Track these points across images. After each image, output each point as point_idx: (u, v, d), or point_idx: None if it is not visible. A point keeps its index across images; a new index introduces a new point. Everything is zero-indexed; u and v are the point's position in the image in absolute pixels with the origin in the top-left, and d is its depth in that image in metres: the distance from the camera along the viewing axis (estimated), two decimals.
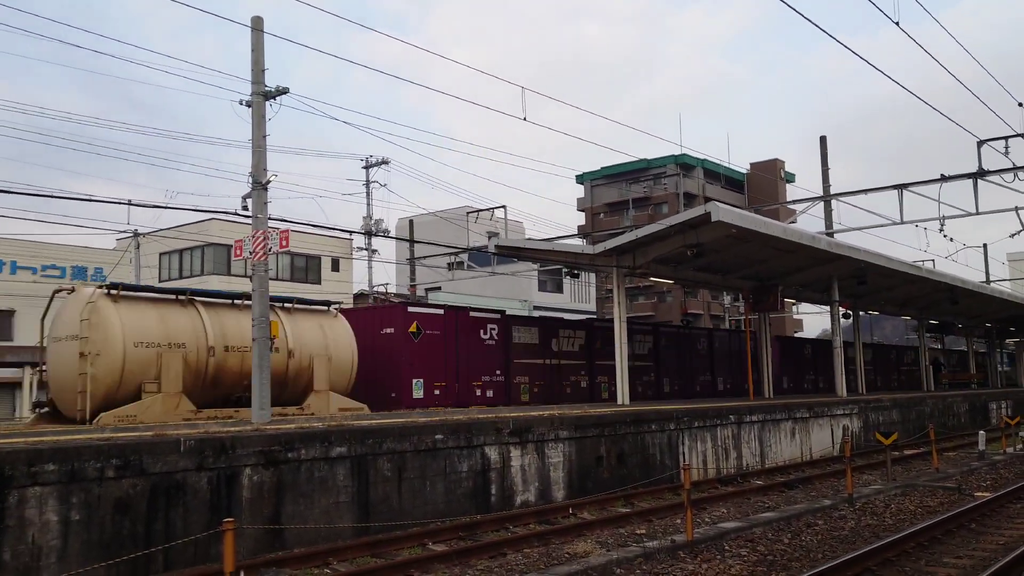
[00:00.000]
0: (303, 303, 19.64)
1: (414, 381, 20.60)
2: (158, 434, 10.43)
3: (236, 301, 17.85)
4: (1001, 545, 10.98)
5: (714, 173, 71.44)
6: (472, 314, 22.64)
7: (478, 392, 22.08)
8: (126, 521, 9.36)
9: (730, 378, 31.66)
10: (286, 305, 18.85)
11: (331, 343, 18.87)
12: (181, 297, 17.12)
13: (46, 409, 16.25)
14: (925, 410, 29.43)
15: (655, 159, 66.82)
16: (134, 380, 15.56)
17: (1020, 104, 22.03)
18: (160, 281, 40.25)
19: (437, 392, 21.02)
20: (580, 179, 75.06)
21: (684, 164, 69.18)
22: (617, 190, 71.06)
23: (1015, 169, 23.23)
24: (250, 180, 14.46)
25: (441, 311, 22.08)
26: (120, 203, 13.93)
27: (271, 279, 15.16)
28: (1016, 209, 25.18)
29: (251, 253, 14.36)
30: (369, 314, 22.58)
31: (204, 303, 17.28)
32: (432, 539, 11.51)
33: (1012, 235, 36.58)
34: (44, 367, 16.53)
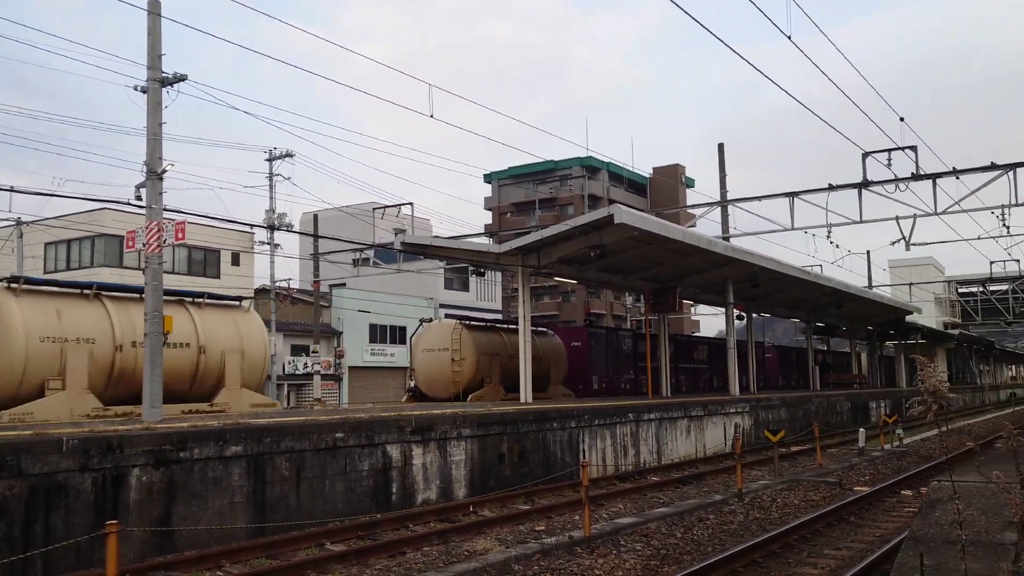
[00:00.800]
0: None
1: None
2: (38, 433, 9.92)
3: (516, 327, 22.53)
4: (877, 537, 11.64)
5: (619, 176, 72.93)
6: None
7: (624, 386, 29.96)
8: (1, 524, 8.87)
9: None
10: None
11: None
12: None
13: None
14: (811, 408, 30.86)
15: (562, 161, 67.75)
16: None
17: (901, 119, 23.37)
18: (45, 273, 38.24)
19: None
20: (488, 178, 75.36)
21: (590, 167, 70.38)
22: (524, 190, 71.67)
23: (896, 180, 24.61)
24: (145, 169, 13.92)
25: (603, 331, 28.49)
26: (2, 189, 13.18)
27: (167, 272, 14.63)
28: (897, 218, 26.65)
29: (144, 245, 13.82)
30: (564, 331, 31.13)
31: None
32: (330, 539, 11.36)
33: (892, 243, 38.67)
34: None
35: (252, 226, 26.15)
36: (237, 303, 19.55)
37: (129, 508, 10.02)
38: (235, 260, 42.60)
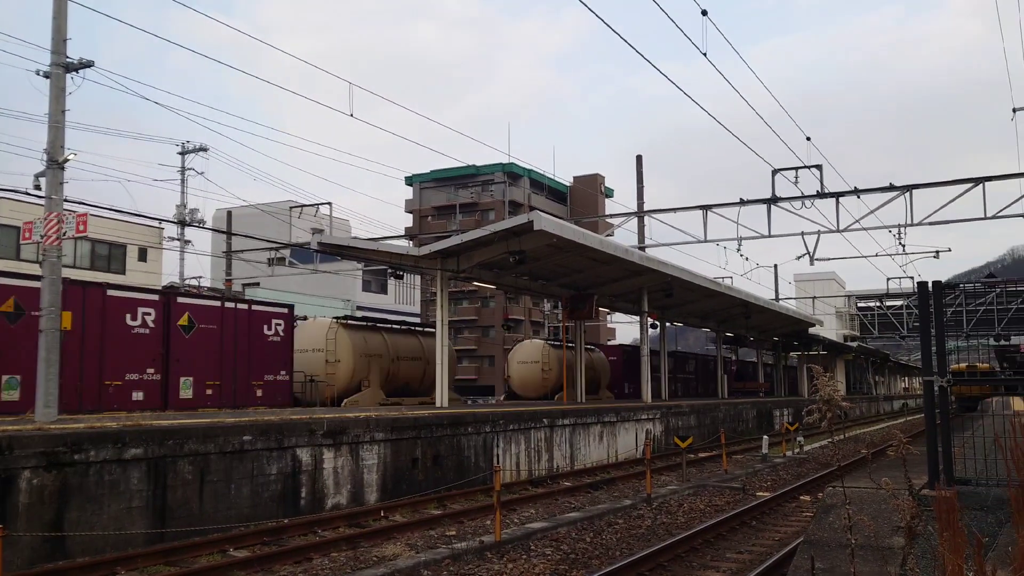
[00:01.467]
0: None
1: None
2: None
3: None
4: (777, 541, 12.05)
5: (540, 184, 73.57)
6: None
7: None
8: None
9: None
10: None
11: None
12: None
13: None
14: (719, 416, 31.73)
15: (484, 166, 67.88)
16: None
17: (808, 139, 24.33)
18: None
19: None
20: (409, 181, 74.92)
21: (512, 173, 70.76)
22: (446, 194, 71.55)
23: (803, 197, 25.60)
24: (45, 157, 13.29)
25: (631, 348, 27.37)
26: None
27: (68, 267, 14.00)
28: (802, 234, 27.71)
29: (43, 237, 13.18)
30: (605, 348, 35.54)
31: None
32: (234, 545, 11.06)
33: (798, 257, 40.11)
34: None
35: (161, 221, 25.31)
36: (432, 330, 25.83)
37: (18, 512, 9.53)
38: (142, 256, 41.03)
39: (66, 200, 13.38)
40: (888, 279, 46.94)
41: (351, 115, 16.66)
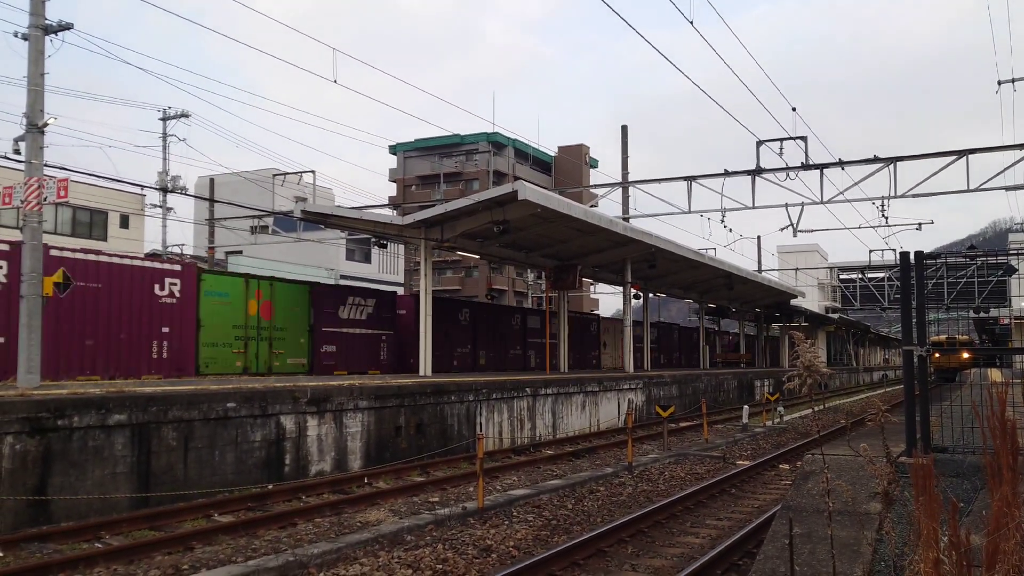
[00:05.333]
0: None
1: None
2: None
3: None
4: (756, 508, 12.25)
5: (524, 153, 73.22)
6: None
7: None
8: None
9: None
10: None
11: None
12: None
13: None
14: (700, 386, 32.03)
15: (468, 135, 67.47)
16: None
17: (794, 109, 24.30)
18: None
19: None
20: (393, 150, 74.35)
21: (496, 142, 70.35)
22: (430, 163, 71.09)
23: (787, 169, 25.64)
24: (24, 121, 13.09)
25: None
26: None
27: (48, 233, 13.85)
28: (786, 205, 27.79)
29: (23, 202, 13.03)
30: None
31: None
32: (219, 510, 11.12)
33: (781, 229, 40.33)
34: None
35: (143, 187, 25.01)
36: None
37: (1, 477, 9.52)
38: (124, 222, 40.64)
39: (46, 165, 13.21)
40: (871, 251, 47.19)
41: (334, 81, 16.49)
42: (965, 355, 30.59)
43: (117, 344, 17.27)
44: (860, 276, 60.63)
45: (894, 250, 46.52)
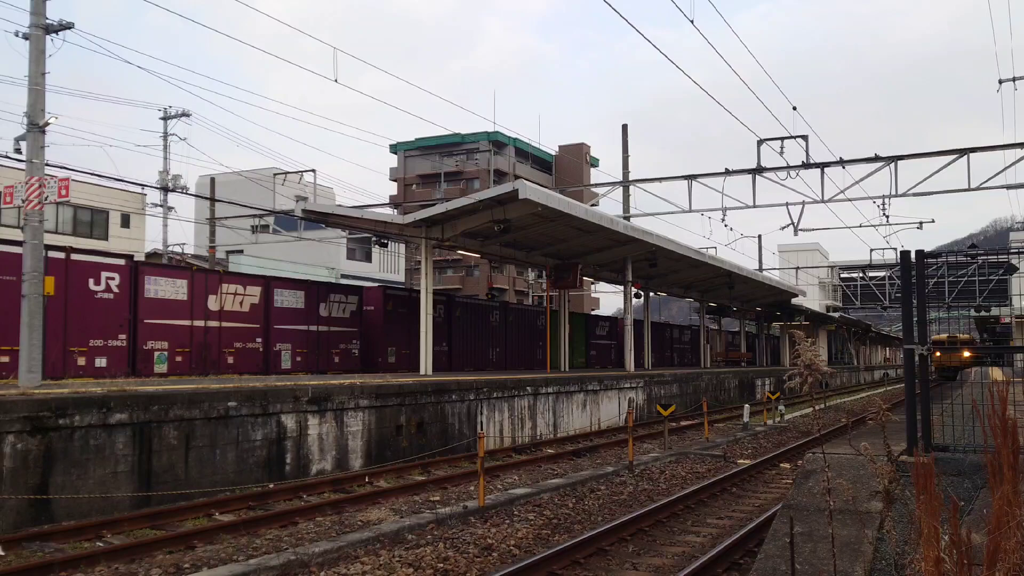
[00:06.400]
0: None
1: None
2: None
3: None
4: (757, 507, 12.25)
5: (525, 152, 73.17)
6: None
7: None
8: None
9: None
10: None
11: None
12: None
13: None
14: (701, 385, 32.03)
15: (469, 134, 67.41)
16: None
17: (795, 108, 24.27)
18: None
19: None
20: (394, 149, 74.32)
21: (497, 141, 70.32)
22: (430, 162, 71.07)
23: (788, 168, 25.62)
24: (26, 121, 13.09)
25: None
26: None
27: (49, 232, 13.86)
28: (787, 204, 27.81)
29: (24, 201, 13.03)
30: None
31: None
32: (220, 509, 11.12)
33: (782, 228, 40.20)
34: None
35: (144, 186, 25.01)
36: None
37: (3, 476, 9.53)
38: (125, 222, 40.66)
39: (47, 164, 13.22)
40: (871, 250, 47.15)
41: (335, 80, 16.49)
42: (966, 354, 30.60)
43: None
44: (861, 275, 60.58)
45: (895, 249, 46.52)
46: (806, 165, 25.51)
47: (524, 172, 69.40)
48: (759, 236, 52.75)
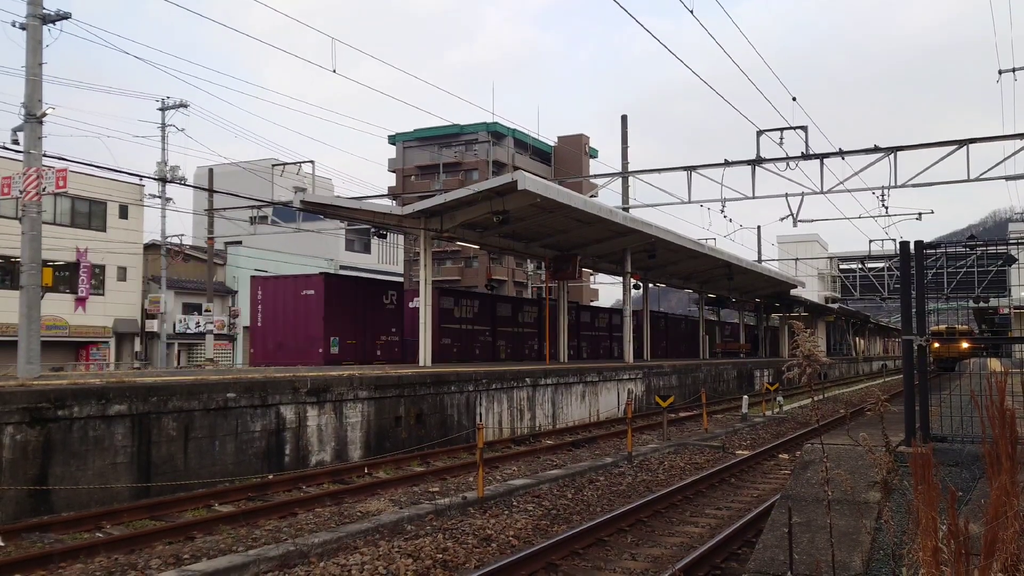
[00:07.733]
0: None
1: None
2: None
3: None
4: (755, 497, 12.27)
5: (524, 143, 73.07)
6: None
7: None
8: None
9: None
10: None
11: None
12: None
13: None
14: (700, 376, 32.05)
15: (468, 125, 67.26)
16: None
17: (794, 99, 24.21)
18: None
19: None
20: (393, 140, 74.17)
21: (496, 132, 70.19)
22: (429, 153, 70.94)
23: (787, 159, 25.59)
24: (23, 111, 13.06)
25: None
26: None
27: (47, 223, 13.85)
28: (786, 195, 27.76)
29: (22, 192, 13.01)
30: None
31: None
32: (219, 500, 11.14)
33: (781, 219, 40.28)
34: None
35: (142, 178, 24.95)
36: None
37: (2, 467, 9.55)
38: (123, 213, 40.62)
39: (45, 155, 13.19)
40: (870, 241, 47.27)
41: (333, 71, 16.43)
42: (965, 345, 30.64)
43: None
44: (860, 266, 60.60)
45: (894, 240, 46.51)
46: (805, 156, 25.47)
47: (523, 163, 69.29)
48: (758, 227, 52.78)
